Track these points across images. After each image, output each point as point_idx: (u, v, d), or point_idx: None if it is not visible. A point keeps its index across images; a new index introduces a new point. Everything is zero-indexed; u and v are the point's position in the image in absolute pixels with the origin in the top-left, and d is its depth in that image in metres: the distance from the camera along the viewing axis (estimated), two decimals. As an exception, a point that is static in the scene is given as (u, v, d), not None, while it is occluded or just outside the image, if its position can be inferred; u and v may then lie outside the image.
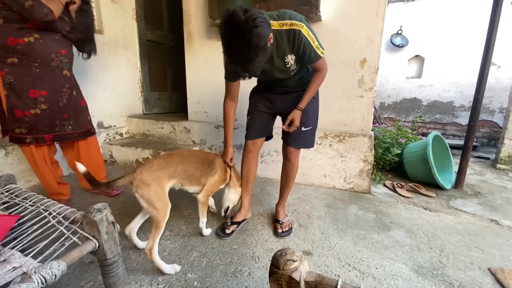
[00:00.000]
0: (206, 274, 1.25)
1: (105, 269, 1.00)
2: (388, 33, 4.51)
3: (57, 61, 1.65)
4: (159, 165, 1.30)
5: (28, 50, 1.53)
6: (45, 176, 1.77)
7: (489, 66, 2.18)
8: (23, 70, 1.55)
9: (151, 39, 3.35)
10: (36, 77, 1.59)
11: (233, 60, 1.08)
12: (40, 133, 1.67)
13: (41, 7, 1.45)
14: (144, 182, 1.21)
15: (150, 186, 1.21)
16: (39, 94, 1.61)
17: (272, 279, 0.69)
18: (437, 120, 4.62)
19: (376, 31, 2.05)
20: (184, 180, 1.40)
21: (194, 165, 1.44)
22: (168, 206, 1.26)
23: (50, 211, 1.02)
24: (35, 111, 1.62)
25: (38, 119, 1.64)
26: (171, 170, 1.34)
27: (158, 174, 1.27)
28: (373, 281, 1.23)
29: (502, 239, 1.59)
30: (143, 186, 1.20)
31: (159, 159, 1.34)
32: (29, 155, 1.70)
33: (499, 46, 2.22)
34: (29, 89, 1.58)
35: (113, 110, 2.94)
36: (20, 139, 1.64)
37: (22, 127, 1.61)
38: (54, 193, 1.84)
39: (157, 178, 1.25)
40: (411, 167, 2.53)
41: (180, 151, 1.49)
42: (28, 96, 1.58)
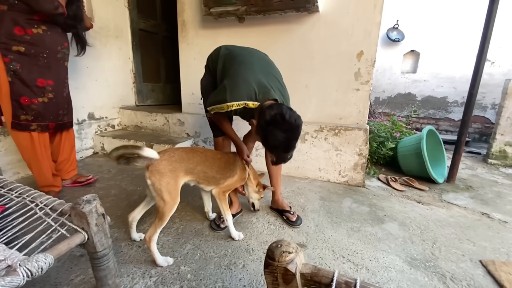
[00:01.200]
0: (200, 266, 1.23)
1: (95, 262, 0.97)
2: (384, 27, 4.49)
3: (62, 52, 1.73)
4: (180, 157, 1.26)
5: (37, 41, 1.58)
6: (42, 165, 1.75)
7: (485, 61, 2.18)
8: (31, 59, 1.59)
9: (143, 29, 3.26)
10: (44, 67, 1.65)
11: (286, 150, 1.20)
12: (46, 121, 1.73)
13: (52, 0, 1.49)
14: (159, 170, 1.16)
15: (164, 176, 1.17)
16: (47, 84, 1.68)
17: (268, 271, 0.68)
18: (431, 116, 4.66)
19: (373, 23, 2.03)
20: (201, 179, 1.35)
21: (216, 168, 1.39)
22: (176, 201, 1.22)
23: (37, 203, 0.98)
24: (42, 99, 1.68)
25: (45, 107, 1.70)
26: (190, 167, 1.29)
27: (176, 166, 1.22)
28: (367, 273, 1.23)
29: (493, 232, 1.62)
30: (157, 174, 1.16)
31: (181, 151, 1.29)
32: (28, 143, 1.69)
33: (493, 42, 2.22)
34: (37, 78, 1.63)
35: (105, 101, 2.87)
36: (25, 126, 1.66)
37: (28, 114, 1.65)
38: (47, 184, 1.81)
39: (173, 169, 1.21)
40: (405, 161, 2.55)
41: (204, 150, 1.43)
42: (36, 84, 1.63)
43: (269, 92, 1.29)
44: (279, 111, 1.14)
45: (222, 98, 1.27)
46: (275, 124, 1.14)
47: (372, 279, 1.19)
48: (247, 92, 1.26)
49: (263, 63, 1.42)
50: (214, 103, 1.32)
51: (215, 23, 2.47)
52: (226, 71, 1.38)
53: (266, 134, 1.17)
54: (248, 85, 1.27)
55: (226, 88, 1.27)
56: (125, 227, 1.51)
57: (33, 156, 1.73)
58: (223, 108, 1.28)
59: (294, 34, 2.28)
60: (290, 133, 1.15)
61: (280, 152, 1.21)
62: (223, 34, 2.49)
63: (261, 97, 1.28)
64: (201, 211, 1.72)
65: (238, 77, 1.30)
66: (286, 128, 1.14)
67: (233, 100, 1.25)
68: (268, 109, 1.16)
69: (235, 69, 1.34)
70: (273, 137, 1.15)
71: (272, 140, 1.16)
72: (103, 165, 2.50)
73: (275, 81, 1.37)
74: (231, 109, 1.26)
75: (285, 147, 1.18)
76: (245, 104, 1.27)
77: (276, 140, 1.15)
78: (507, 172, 2.86)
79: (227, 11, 2.24)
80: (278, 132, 1.14)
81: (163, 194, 1.16)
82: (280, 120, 1.13)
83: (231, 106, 1.25)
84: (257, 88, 1.27)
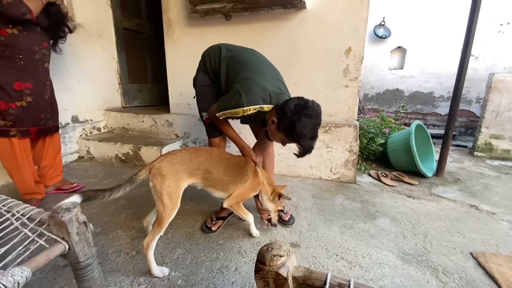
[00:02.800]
0: (191, 271, 1.19)
1: (79, 273, 0.92)
2: (371, 24, 4.53)
3: (40, 53, 1.64)
4: (182, 159, 1.21)
5: (12, 42, 1.50)
6: (23, 172, 1.67)
7: (469, 55, 2.21)
8: (6, 62, 1.53)
9: (128, 28, 3.17)
10: (21, 69, 1.57)
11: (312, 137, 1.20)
12: (26, 125, 1.64)
13: (20, 6, 1.43)
14: (160, 172, 1.13)
15: (166, 178, 1.13)
16: (24, 87, 1.59)
17: (258, 276, 0.65)
18: (418, 111, 4.74)
19: (360, 19, 2.03)
20: (207, 181, 1.29)
21: (223, 169, 1.31)
22: (176, 206, 1.17)
23: (13, 212, 0.92)
24: (20, 103, 1.59)
25: (24, 111, 1.61)
26: (194, 167, 1.23)
27: (178, 168, 1.17)
28: (360, 270, 1.22)
29: (482, 224, 1.64)
30: (158, 176, 1.12)
31: (183, 152, 1.24)
32: (8, 149, 1.61)
33: (476, 37, 2.25)
34: (14, 81, 1.55)
35: (89, 103, 2.77)
36: (3, 132, 1.58)
37: (6, 119, 1.57)
38: (29, 192, 1.73)
39: (175, 172, 1.16)
40: (394, 156, 2.57)
41: (210, 149, 1.37)
42: (12, 88, 1.56)
43: (283, 95, 1.33)
44: (300, 100, 1.18)
45: (238, 103, 1.25)
46: (300, 111, 1.14)
47: (366, 276, 1.18)
48: (263, 96, 1.27)
49: (270, 69, 1.44)
50: (228, 108, 1.29)
51: (202, 21, 2.42)
52: (233, 75, 1.36)
53: (292, 125, 1.15)
54: (263, 89, 1.28)
55: (241, 92, 1.25)
56: (113, 233, 1.46)
57: (13, 163, 1.65)
58: (239, 113, 1.27)
59: (282, 31, 2.26)
60: (315, 118, 1.17)
61: (306, 140, 1.20)
62: (210, 32, 2.44)
63: (275, 100, 1.30)
64: (191, 214, 1.68)
65: (251, 82, 1.29)
66: (311, 113, 1.15)
67: (250, 104, 1.24)
68: (289, 101, 1.18)
69: (245, 74, 1.33)
70: (300, 125, 1.14)
71: (299, 129, 1.15)
72: (89, 169, 2.41)
73: (282, 86, 1.40)
74: (247, 113, 1.26)
75: (312, 134, 1.19)
76: (261, 108, 1.28)
77: (303, 127, 1.15)
78: (493, 164, 2.93)
79: (213, 9, 2.20)
80: (304, 119, 1.14)
81: (163, 198, 1.12)
82: (304, 107, 1.15)
83: (247, 110, 1.25)
84: (271, 92, 1.29)
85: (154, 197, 1.15)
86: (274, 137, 1.31)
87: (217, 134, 1.57)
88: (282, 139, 1.27)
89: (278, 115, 1.21)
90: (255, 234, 1.45)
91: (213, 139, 1.59)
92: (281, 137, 1.26)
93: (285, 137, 1.23)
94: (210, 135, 1.60)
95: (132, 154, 2.51)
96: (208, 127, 1.57)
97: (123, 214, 1.66)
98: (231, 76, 1.37)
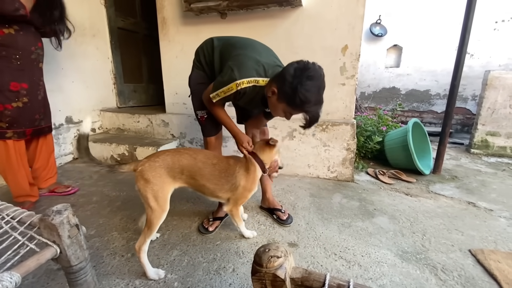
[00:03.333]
0: (188, 273, 1.17)
1: (71, 277, 0.89)
2: (367, 23, 4.53)
3: (36, 53, 1.62)
4: (164, 162, 1.15)
5: (9, 42, 1.48)
6: (18, 175, 1.64)
7: (465, 52, 2.21)
8: (2, 61, 1.49)
9: (122, 27, 3.13)
10: (17, 69, 1.54)
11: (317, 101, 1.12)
12: (22, 127, 1.62)
13: (13, 1, 1.39)
14: (143, 176, 1.10)
15: (148, 182, 1.09)
16: (20, 87, 1.56)
17: (255, 278, 0.63)
18: (415, 109, 4.75)
19: (357, 16, 2.01)
20: (193, 186, 1.24)
21: (207, 176, 1.22)
22: (164, 209, 1.13)
23: (3, 216, 0.90)
24: (17, 104, 1.56)
25: (20, 112, 1.58)
26: (176, 171, 1.17)
27: (160, 171, 1.13)
28: (359, 269, 1.21)
29: (480, 221, 1.64)
30: (141, 179, 1.10)
31: (165, 155, 1.17)
32: (3, 152, 1.58)
33: (472, 35, 2.25)
34: (10, 81, 1.52)
35: (83, 104, 2.73)
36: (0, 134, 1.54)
37: (2, 121, 1.54)
38: (23, 194, 1.70)
39: (158, 175, 1.12)
40: (392, 154, 2.57)
41: (195, 152, 1.26)
42: (9, 89, 1.52)
43: (278, 68, 1.23)
44: (299, 63, 1.10)
45: (230, 77, 1.17)
46: (301, 74, 1.07)
47: (365, 275, 1.17)
48: (256, 68, 1.19)
49: (263, 46, 1.36)
50: (221, 86, 1.21)
51: (197, 19, 2.40)
52: (226, 58, 1.29)
53: (294, 90, 1.07)
54: (255, 61, 1.20)
55: (232, 67, 1.18)
56: (108, 235, 1.44)
57: (8, 166, 1.61)
58: (232, 89, 1.18)
59: (278, 29, 2.24)
60: (317, 80, 1.09)
61: (312, 106, 1.11)
62: (206, 31, 2.41)
63: (271, 73, 1.21)
64: (187, 215, 1.66)
65: (243, 56, 1.22)
66: (313, 75, 1.07)
67: (243, 77, 1.16)
68: (288, 66, 1.11)
69: (237, 52, 1.25)
70: (303, 88, 1.06)
71: (302, 94, 1.06)
72: (83, 171, 2.38)
73: (277, 60, 1.33)
74: (241, 87, 1.17)
75: (316, 98, 1.10)
76: (255, 82, 1.19)
77: (306, 91, 1.06)
78: (490, 161, 2.94)
79: (208, 7, 2.17)
80: (306, 82, 1.06)
81: (149, 201, 1.10)
82: (305, 69, 1.08)
83: (241, 84, 1.16)
84: (265, 64, 1.21)
85: (142, 201, 1.13)
86: (277, 110, 1.22)
87: (213, 133, 1.54)
88: (285, 111, 1.18)
89: (277, 84, 1.14)
90: (248, 235, 1.42)
91: (209, 138, 1.56)
92: (283, 108, 1.17)
93: (288, 106, 1.14)
94: (206, 134, 1.56)
95: (128, 155, 2.47)
96: (204, 125, 1.53)
97: (118, 215, 1.64)
98: (224, 61, 1.31)
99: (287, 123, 2.26)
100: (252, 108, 1.47)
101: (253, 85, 1.20)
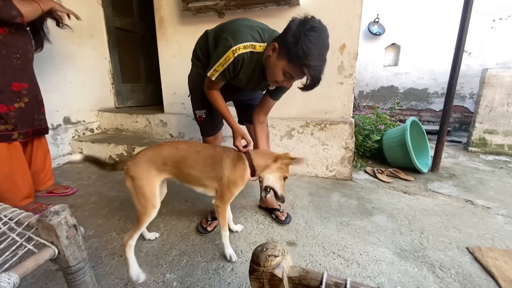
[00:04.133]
0: (186, 273, 1.17)
1: (70, 278, 0.89)
2: (365, 21, 4.53)
3: (31, 52, 1.62)
4: (145, 157, 1.16)
5: (10, 41, 1.46)
6: (25, 177, 1.62)
7: (463, 49, 2.22)
8: (3, 61, 1.46)
9: (120, 27, 3.12)
10: (18, 69, 1.52)
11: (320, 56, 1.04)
12: (25, 127, 1.59)
13: (10, 9, 1.37)
14: (129, 173, 1.12)
15: (134, 179, 1.11)
16: (22, 87, 1.55)
17: (253, 277, 0.64)
18: (413, 107, 4.77)
19: (354, 15, 2.01)
20: (179, 177, 1.22)
21: (190, 163, 1.20)
22: (152, 204, 1.13)
23: (1, 217, 0.89)
24: (19, 104, 1.54)
25: (23, 113, 1.57)
26: (159, 164, 1.17)
27: (144, 166, 1.14)
28: (357, 267, 1.22)
29: (477, 218, 1.65)
30: (128, 177, 1.13)
31: (146, 150, 1.20)
32: (6, 155, 1.53)
33: (469, 33, 2.26)
34: (12, 81, 1.50)
35: (81, 104, 2.72)
36: (5, 137, 1.51)
37: (8, 123, 1.51)
38: (28, 196, 1.67)
39: (143, 171, 1.13)
40: (390, 152, 2.57)
41: (176, 143, 1.26)
42: (11, 89, 1.50)
43: (276, 32, 1.18)
44: (305, 16, 1.04)
45: (225, 46, 1.12)
46: (306, 24, 1.01)
47: (363, 273, 1.18)
48: (251, 33, 1.15)
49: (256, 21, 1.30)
50: (217, 58, 1.16)
51: (194, 18, 2.39)
52: (219, 36, 1.22)
53: (297, 40, 1.00)
54: (249, 27, 1.16)
55: (227, 37, 1.13)
56: (106, 236, 1.44)
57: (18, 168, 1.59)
58: (229, 57, 1.12)
59: (275, 29, 2.22)
60: (322, 34, 1.03)
61: (314, 60, 1.03)
62: (203, 30, 2.40)
63: (267, 37, 1.16)
64: (186, 214, 1.66)
65: (236, 25, 1.18)
66: (318, 27, 1.01)
67: (238, 42, 1.11)
68: (292, 19, 1.06)
69: (230, 25, 1.21)
70: (307, 39, 0.99)
71: (305, 44, 1.00)
72: (82, 171, 2.37)
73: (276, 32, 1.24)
74: (237, 53, 1.11)
75: (320, 51, 1.03)
76: (252, 47, 1.13)
77: (310, 42, 1.00)
78: (487, 159, 2.95)
79: (206, 6, 2.17)
80: (310, 32, 1.00)
81: (139, 198, 1.12)
82: (310, 21, 1.02)
83: (237, 50, 1.11)
84: (260, 29, 1.17)
85: (132, 198, 1.15)
86: (275, 71, 1.12)
87: (211, 133, 1.55)
88: (285, 70, 1.10)
89: (279, 40, 1.08)
90: (227, 250, 1.26)
91: (207, 138, 1.56)
92: (283, 67, 1.09)
93: (289, 63, 1.06)
94: (204, 134, 1.56)
95: (126, 155, 2.47)
96: (202, 125, 1.53)
97: (116, 216, 1.64)
98: (218, 40, 1.25)
99: (286, 122, 2.26)
100: (253, 86, 1.35)
101: (250, 51, 1.14)
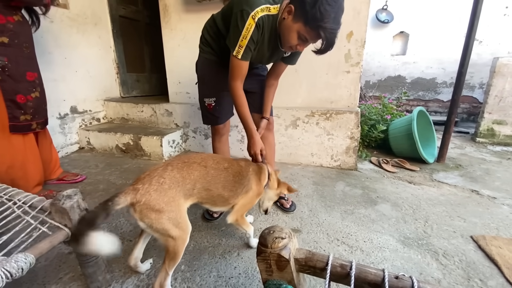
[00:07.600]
0: (194, 257, 1.21)
1: (83, 259, 0.93)
2: (373, 8, 4.42)
3: (32, 40, 1.57)
4: (173, 181, 0.93)
5: (20, 30, 1.44)
6: (37, 166, 1.65)
7: (474, 37, 2.16)
8: (16, 51, 1.44)
9: (124, 15, 3.10)
10: (29, 58, 1.51)
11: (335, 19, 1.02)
12: (42, 118, 1.61)
13: None
14: (153, 208, 0.85)
15: (163, 212, 0.87)
16: (34, 77, 1.54)
17: (260, 258, 0.65)
18: (420, 97, 4.69)
19: (362, 1, 1.97)
20: (205, 200, 1.06)
21: (222, 183, 1.07)
22: (188, 231, 0.95)
23: (15, 201, 0.93)
24: (35, 94, 1.54)
25: (38, 102, 1.58)
26: (188, 187, 0.97)
27: (172, 194, 0.91)
28: (361, 254, 1.23)
29: (482, 208, 1.65)
30: (151, 213, 0.86)
31: (171, 171, 0.95)
32: (21, 144, 1.54)
33: (481, 21, 2.19)
34: (26, 71, 1.49)
35: (87, 94, 2.74)
36: (26, 127, 1.52)
37: (27, 113, 1.51)
38: (41, 182, 1.72)
39: (171, 200, 0.90)
40: (396, 142, 2.56)
41: (203, 159, 1.07)
42: (26, 79, 1.49)
43: None
44: None
45: (242, 17, 1.08)
46: None
47: (367, 259, 1.20)
48: None
49: None
50: (237, 34, 1.11)
51: (199, 6, 2.36)
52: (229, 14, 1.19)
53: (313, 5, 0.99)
54: None
55: (241, 8, 1.09)
56: (115, 221, 1.48)
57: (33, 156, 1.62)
58: (251, 25, 1.08)
59: (281, 16, 2.19)
60: None
61: (331, 22, 1.01)
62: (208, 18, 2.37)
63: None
64: (193, 201, 1.69)
65: None
66: None
67: (255, 7, 1.07)
68: None
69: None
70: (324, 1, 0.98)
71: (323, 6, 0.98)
72: (90, 160, 2.42)
73: None
74: (257, 17, 1.08)
75: (336, 14, 1.01)
76: (267, 10, 1.10)
77: (328, 4, 0.98)
78: (495, 149, 2.91)
79: (210, -7, 2.13)
80: None
81: (170, 231, 0.89)
82: None
83: (256, 14, 1.07)
84: None
85: (155, 235, 0.91)
86: (290, 33, 1.11)
87: (221, 121, 1.52)
88: (300, 33, 1.08)
89: (295, 2, 1.06)
90: (254, 245, 1.28)
91: (217, 126, 1.53)
92: (299, 29, 1.08)
93: (304, 25, 1.05)
94: (214, 122, 1.52)
95: (133, 144, 2.50)
96: (211, 113, 1.49)
97: (125, 202, 1.67)
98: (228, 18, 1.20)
99: (291, 111, 2.25)
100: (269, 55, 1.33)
101: (266, 15, 1.11)
